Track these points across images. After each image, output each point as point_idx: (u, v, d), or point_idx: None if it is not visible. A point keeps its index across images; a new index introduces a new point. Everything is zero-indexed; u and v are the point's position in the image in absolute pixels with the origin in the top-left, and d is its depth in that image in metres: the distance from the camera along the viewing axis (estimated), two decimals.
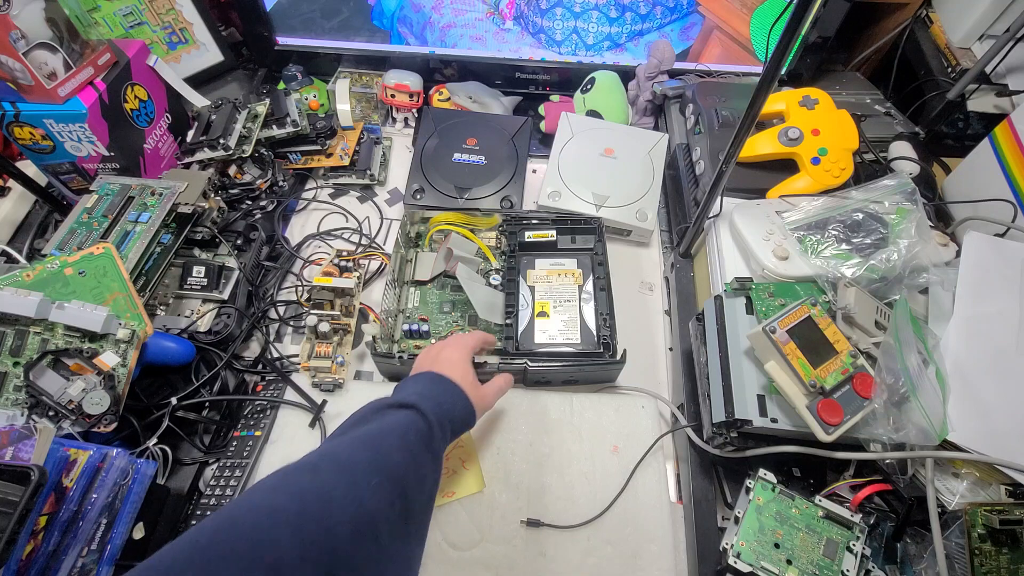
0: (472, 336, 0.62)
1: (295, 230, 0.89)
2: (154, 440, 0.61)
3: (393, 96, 0.98)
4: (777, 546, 0.53)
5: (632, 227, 0.83)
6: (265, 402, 0.70)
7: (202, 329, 0.72)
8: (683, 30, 0.97)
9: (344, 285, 0.72)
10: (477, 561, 0.60)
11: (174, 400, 0.63)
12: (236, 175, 0.86)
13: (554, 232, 0.79)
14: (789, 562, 0.52)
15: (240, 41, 1.08)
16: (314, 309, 0.72)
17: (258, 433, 0.67)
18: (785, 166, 0.78)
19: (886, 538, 0.56)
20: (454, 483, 0.64)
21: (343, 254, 0.79)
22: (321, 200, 0.92)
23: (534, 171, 0.94)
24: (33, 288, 0.58)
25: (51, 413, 0.56)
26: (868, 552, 0.54)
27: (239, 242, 0.79)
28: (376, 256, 0.83)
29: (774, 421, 0.55)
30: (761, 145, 0.78)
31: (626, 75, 0.99)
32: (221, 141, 0.81)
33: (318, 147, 0.90)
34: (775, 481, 0.57)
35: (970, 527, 0.51)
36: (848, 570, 0.52)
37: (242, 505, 0.36)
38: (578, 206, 0.83)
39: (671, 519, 0.63)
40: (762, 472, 0.57)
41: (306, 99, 0.97)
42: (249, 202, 0.85)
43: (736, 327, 0.61)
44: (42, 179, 0.82)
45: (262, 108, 0.86)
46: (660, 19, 0.95)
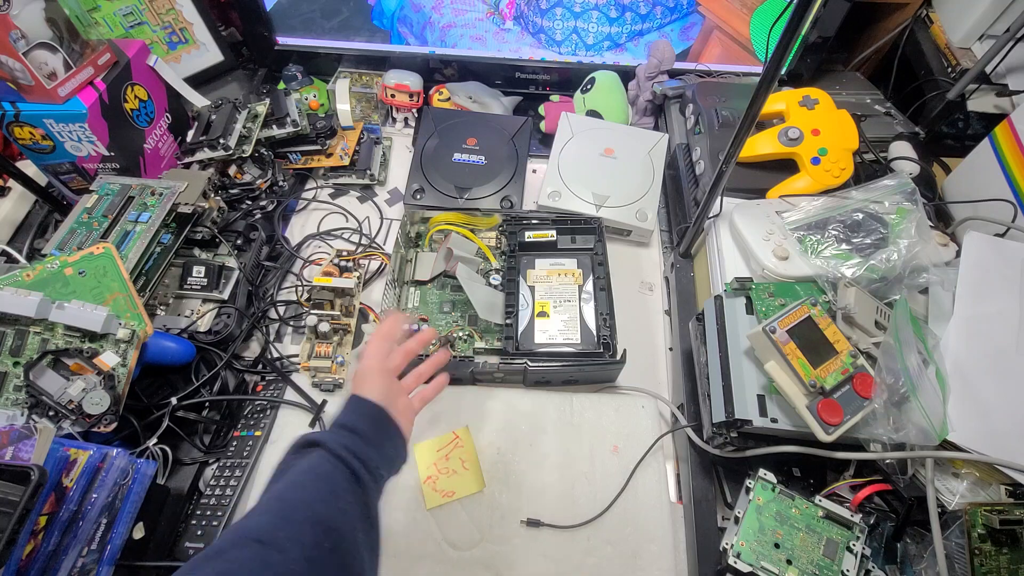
0: (377, 336, 0.56)
1: (295, 230, 0.89)
2: (154, 440, 0.61)
3: (393, 96, 0.98)
4: (777, 546, 0.53)
5: (632, 227, 0.83)
6: (265, 402, 0.70)
7: (202, 329, 0.72)
8: (683, 30, 0.97)
9: (344, 285, 0.72)
10: (477, 561, 0.60)
11: (174, 400, 0.64)
12: (236, 175, 0.86)
13: (554, 232, 0.79)
14: (789, 562, 0.52)
15: (240, 41, 1.08)
16: (314, 309, 0.72)
17: (258, 433, 0.67)
18: (785, 166, 0.78)
19: (886, 538, 0.56)
20: (454, 483, 0.64)
21: (343, 254, 0.79)
22: (321, 200, 0.92)
23: (534, 171, 0.94)
24: (33, 288, 0.58)
25: (51, 413, 0.56)
26: (868, 552, 0.54)
27: (239, 242, 0.79)
28: (376, 256, 0.83)
29: (774, 421, 0.55)
30: (761, 145, 0.78)
31: (626, 75, 0.99)
32: (221, 141, 0.81)
33: (318, 147, 0.90)
34: (775, 481, 0.57)
35: (970, 527, 0.51)
36: (848, 570, 0.52)
37: None
38: (578, 206, 0.83)
39: (671, 519, 0.63)
40: (762, 472, 0.57)
41: (306, 99, 0.97)
42: (249, 202, 0.85)
43: (736, 327, 0.61)
44: (42, 179, 0.82)
45: (262, 108, 0.86)
46: (660, 19, 0.95)
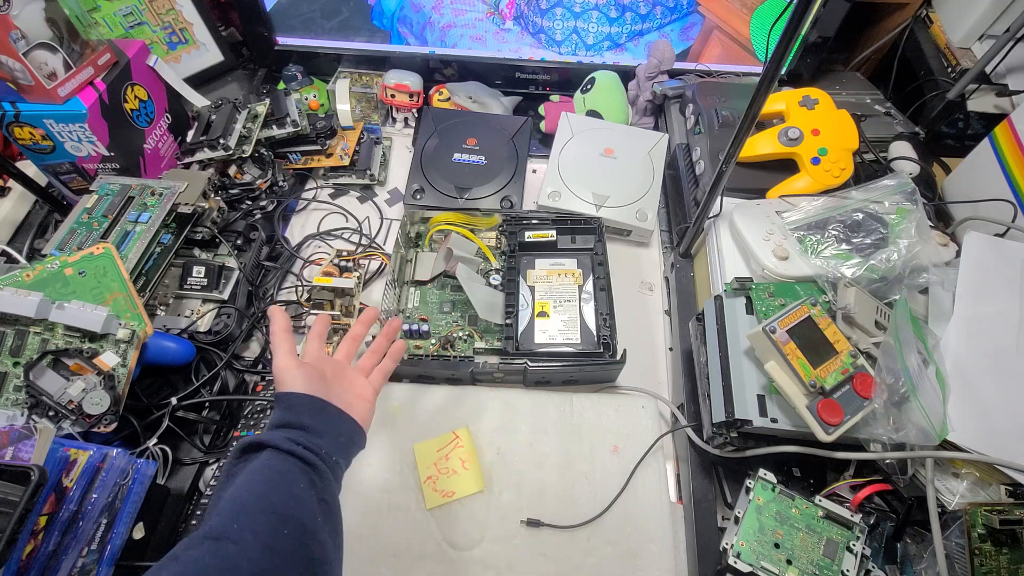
0: (279, 334, 0.54)
1: (295, 230, 0.89)
2: (154, 440, 0.61)
3: (393, 96, 0.98)
4: (777, 546, 0.53)
5: (632, 227, 0.83)
6: (265, 402, 0.70)
7: (202, 329, 0.72)
8: (683, 30, 0.97)
9: (344, 285, 0.72)
10: (477, 561, 0.60)
11: (174, 400, 0.64)
12: (236, 175, 0.86)
13: (554, 232, 0.79)
14: (789, 562, 0.52)
15: (240, 41, 1.08)
16: (314, 309, 0.72)
17: (258, 432, 0.67)
18: (785, 166, 0.78)
19: (886, 538, 0.56)
20: (454, 483, 0.64)
21: (343, 254, 0.79)
22: (321, 200, 0.92)
23: (534, 171, 0.94)
24: (33, 288, 0.58)
25: (51, 413, 0.56)
26: (868, 552, 0.54)
27: (239, 242, 0.79)
28: (376, 256, 0.83)
29: (774, 421, 0.55)
30: (761, 145, 0.78)
31: (626, 75, 0.99)
32: (221, 141, 0.81)
33: (318, 147, 0.90)
34: (775, 481, 0.57)
35: (970, 527, 0.51)
36: (848, 570, 0.52)
37: None
38: (578, 206, 0.83)
39: (671, 519, 0.63)
40: (762, 472, 0.57)
41: (306, 99, 0.97)
42: (249, 202, 0.85)
43: (736, 327, 0.61)
44: (42, 179, 0.82)
45: (262, 108, 0.86)
46: (660, 19, 0.95)
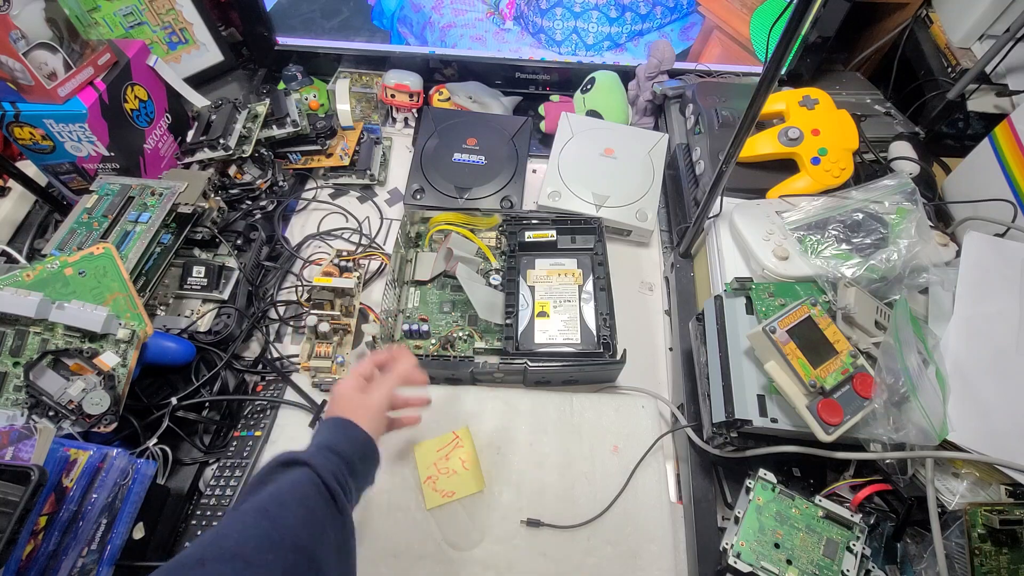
0: (368, 363, 0.56)
1: (295, 230, 0.89)
2: (154, 440, 0.61)
3: (393, 96, 0.98)
4: (777, 546, 0.53)
5: (632, 227, 0.83)
6: (265, 402, 0.70)
7: (202, 329, 0.72)
8: (683, 30, 0.97)
9: (344, 285, 0.72)
10: (477, 561, 0.60)
11: (174, 400, 0.64)
12: (236, 175, 0.86)
13: (554, 232, 0.79)
14: (789, 562, 0.52)
15: (240, 41, 1.08)
16: (314, 309, 0.72)
17: (258, 433, 0.67)
18: (785, 166, 0.78)
19: (886, 538, 0.56)
20: (454, 483, 0.64)
21: (343, 254, 0.79)
22: (321, 200, 0.92)
23: (534, 171, 0.94)
24: (33, 288, 0.58)
25: (51, 413, 0.56)
26: (868, 552, 0.54)
27: (239, 242, 0.79)
28: (376, 256, 0.83)
29: (774, 421, 0.55)
30: (761, 145, 0.78)
31: (626, 75, 0.99)
32: (221, 141, 0.81)
33: (318, 147, 0.90)
34: (775, 481, 0.57)
35: (970, 527, 0.50)
36: (848, 570, 0.52)
37: None
38: (578, 206, 0.83)
39: (671, 519, 0.63)
40: (762, 472, 0.57)
41: (306, 99, 0.97)
42: (249, 202, 0.85)
43: (736, 327, 0.61)
44: (42, 179, 0.82)
45: (262, 108, 0.86)
46: (660, 19, 0.95)
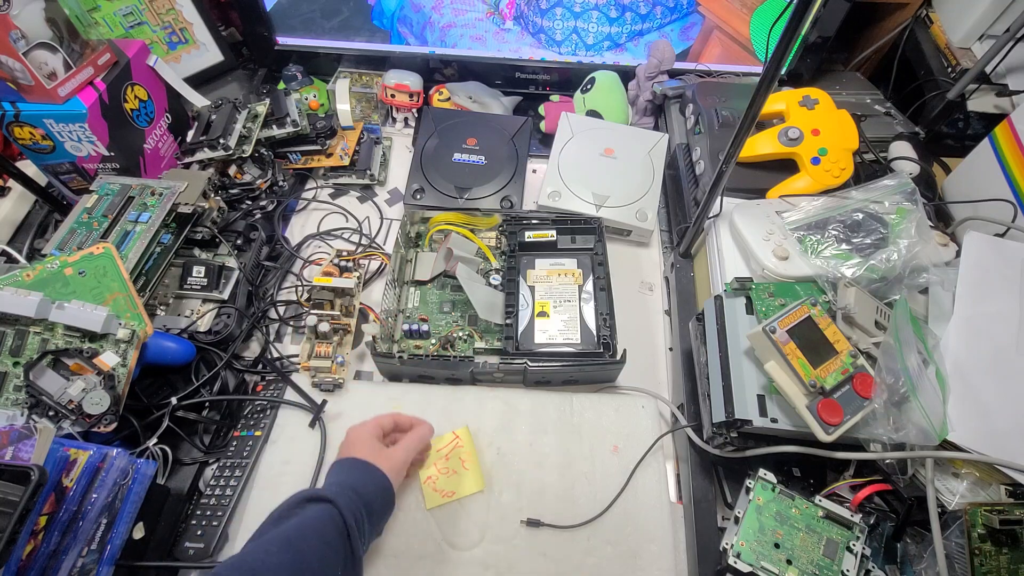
0: (383, 417, 0.61)
1: (295, 230, 0.89)
2: (154, 440, 0.61)
3: (393, 96, 0.98)
4: (777, 546, 0.53)
5: (632, 227, 0.83)
6: (265, 402, 0.70)
7: (202, 329, 0.72)
8: (683, 30, 0.97)
9: (344, 285, 0.72)
10: (477, 561, 0.60)
11: (174, 400, 0.63)
12: (236, 175, 0.86)
13: (554, 232, 0.79)
14: (789, 562, 0.52)
15: (240, 41, 1.08)
16: (314, 309, 0.72)
17: (258, 433, 0.67)
18: (785, 166, 0.78)
19: (886, 538, 0.56)
20: (454, 483, 0.64)
21: (343, 254, 0.79)
22: (321, 200, 0.92)
23: (534, 171, 0.94)
24: (33, 288, 0.58)
25: (51, 413, 0.56)
26: (868, 552, 0.54)
27: (239, 242, 0.79)
28: (376, 256, 0.83)
29: (774, 421, 0.55)
30: (761, 145, 0.78)
31: (626, 75, 0.99)
32: (221, 141, 0.81)
33: (318, 147, 0.90)
34: (775, 481, 0.57)
35: (970, 527, 0.51)
36: (848, 570, 0.52)
37: None
38: (578, 206, 0.83)
39: (671, 519, 0.63)
40: (762, 472, 0.57)
41: (306, 99, 0.97)
42: (249, 202, 0.85)
43: (736, 327, 0.61)
44: (42, 179, 0.82)
45: (262, 108, 0.86)
46: (660, 19, 0.95)
